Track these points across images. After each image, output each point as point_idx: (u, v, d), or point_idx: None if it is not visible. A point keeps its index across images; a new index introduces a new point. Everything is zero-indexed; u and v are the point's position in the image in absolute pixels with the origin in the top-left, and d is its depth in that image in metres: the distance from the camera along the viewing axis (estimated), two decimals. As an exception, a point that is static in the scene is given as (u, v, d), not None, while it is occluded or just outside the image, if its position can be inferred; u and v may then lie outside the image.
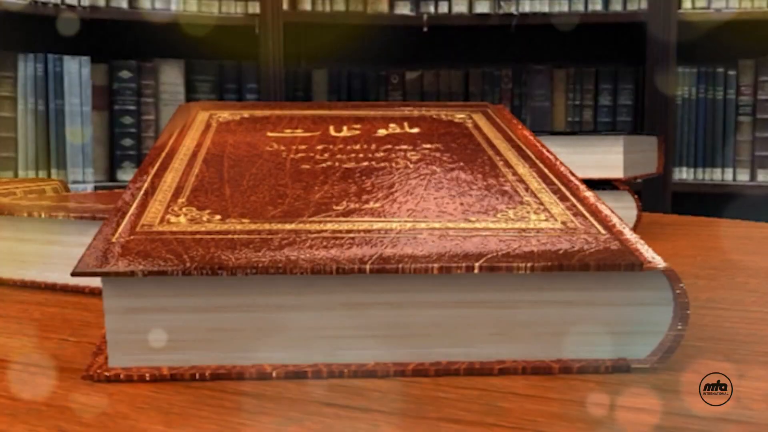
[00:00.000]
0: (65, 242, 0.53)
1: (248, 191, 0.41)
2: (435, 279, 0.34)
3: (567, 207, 0.40)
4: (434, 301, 0.35)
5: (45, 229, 0.54)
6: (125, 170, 2.33)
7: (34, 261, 0.54)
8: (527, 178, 0.44)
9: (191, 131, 0.51)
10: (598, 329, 0.36)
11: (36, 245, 0.54)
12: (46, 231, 0.54)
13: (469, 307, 0.35)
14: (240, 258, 0.33)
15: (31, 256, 0.55)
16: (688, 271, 0.62)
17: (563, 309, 0.35)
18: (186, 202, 0.40)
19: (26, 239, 0.54)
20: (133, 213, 0.38)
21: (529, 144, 0.50)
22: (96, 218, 0.51)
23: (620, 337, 0.36)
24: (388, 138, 0.51)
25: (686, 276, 0.59)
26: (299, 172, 0.44)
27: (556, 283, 0.35)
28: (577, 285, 0.35)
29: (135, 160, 2.35)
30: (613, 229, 0.37)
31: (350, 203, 0.40)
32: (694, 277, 0.59)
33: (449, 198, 0.41)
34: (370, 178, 0.43)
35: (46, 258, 0.54)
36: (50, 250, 0.54)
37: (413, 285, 0.34)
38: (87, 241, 0.51)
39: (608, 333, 0.36)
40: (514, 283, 0.35)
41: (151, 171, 0.44)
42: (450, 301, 0.35)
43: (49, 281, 0.54)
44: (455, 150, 0.49)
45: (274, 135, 0.51)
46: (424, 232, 0.36)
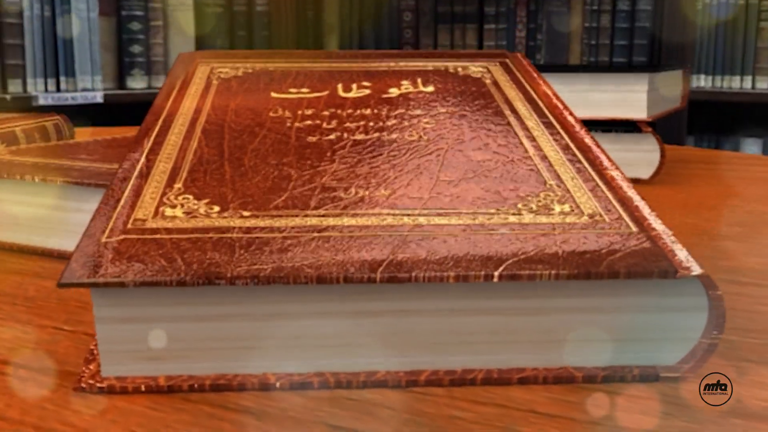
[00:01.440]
0: (62, 207, 0.51)
1: (250, 172, 0.38)
2: (451, 285, 0.32)
3: (593, 192, 0.37)
4: (449, 309, 0.32)
5: (41, 193, 0.51)
6: (134, 78, 2.29)
7: (30, 225, 0.52)
8: (550, 154, 0.41)
9: (191, 90, 0.48)
10: (625, 335, 0.33)
11: (32, 209, 0.52)
12: (42, 195, 0.51)
13: (488, 314, 0.32)
14: (239, 265, 0.31)
15: (26, 220, 0.52)
16: (713, 229, 0.59)
17: (588, 315, 0.33)
18: (182, 188, 0.37)
19: (21, 202, 0.52)
20: (126, 203, 0.35)
21: (551, 106, 0.47)
22: (93, 185, 0.48)
23: (648, 344, 0.33)
24: (400, 100, 0.48)
25: (711, 237, 0.57)
26: (305, 147, 0.41)
27: (582, 288, 0.32)
28: (604, 291, 0.32)
29: (144, 68, 2.31)
30: (643, 223, 0.35)
31: (359, 189, 0.37)
32: (720, 237, 0.56)
33: (465, 183, 0.38)
34: (381, 155, 0.40)
35: (43, 223, 0.51)
36: (47, 214, 0.51)
37: (427, 292, 0.32)
38: (84, 208, 0.49)
39: (635, 339, 0.33)
40: (537, 289, 0.32)
41: (147, 144, 0.41)
42: (467, 308, 0.32)
43: (46, 247, 0.51)
44: (472, 116, 0.45)
45: (278, 96, 0.48)
46: (438, 230, 0.34)
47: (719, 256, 0.52)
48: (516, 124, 0.44)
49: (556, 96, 0.49)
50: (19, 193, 0.52)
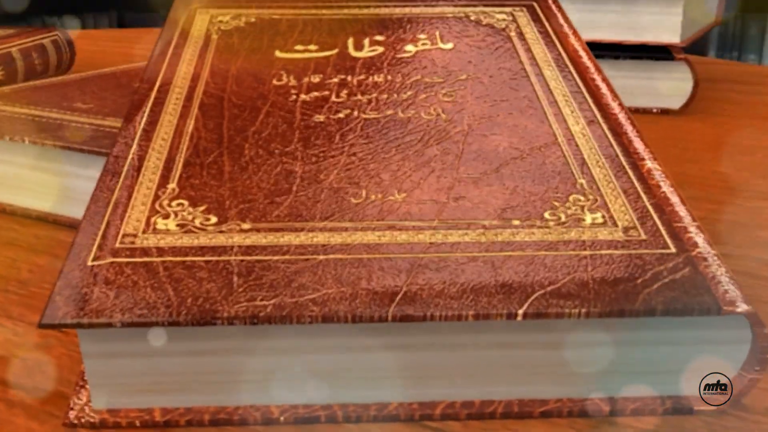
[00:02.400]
0: (57, 171, 0.48)
1: (251, 165, 0.35)
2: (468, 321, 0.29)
3: (627, 194, 0.34)
4: (467, 343, 0.29)
5: (33, 154, 0.48)
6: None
7: (25, 187, 0.49)
8: (579, 138, 0.37)
9: (187, 49, 0.44)
10: (657, 367, 0.30)
11: (24, 170, 0.49)
12: (35, 156, 0.48)
13: (508, 347, 0.30)
14: (238, 300, 0.28)
15: (18, 181, 0.49)
16: (749, 182, 0.55)
17: (617, 348, 0.30)
18: (177, 188, 0.33)
19: (11, 162, 0.49)
20: (116, 209, 0.32)
21: (581, 69, 0.43)
22: (87, 151, 0.45)
23: (682, 375, 0.30)
24: (416, 62, 0.43)
25: (747, 193, 0.53)
26: (311, 130, 0.37)
27: (613, 323, 0.29)
28: (637, 324, 0.29)
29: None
30: (683, 238, 0.31)
31: (369, 192, 0.33)
32: (759, 195, 0.53)
33: (487, 181, 0.34)
34: (395, 142, 0.37)
35: (36, 185, 0.48)
36: (41, 177, 0.48)
37: (443, 326, 0.29)
38: (80, 173, 0.46)
39: (669, 371, 0.30)
40: (564, 323, 0.29)
41: (139, 124, 0.38)
42: (486, 342, 0.29)
43: (42, 210, 0.49)
44: (494, 86, 0.41)
45: (283, 56, 0.44)
46: (456, 250, 0.30)
47: (756, 222, 0.48)
48: (542, 96, 0.40)
49: (586, 52, 0.44)
50: (10, 153, 0.48)
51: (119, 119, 0.50)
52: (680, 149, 0.64)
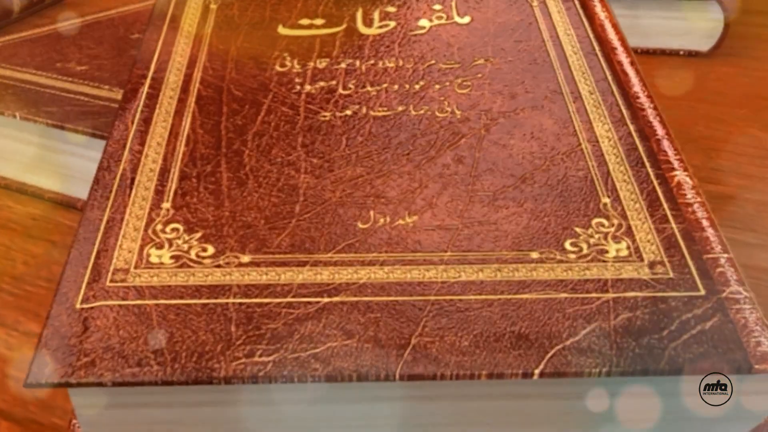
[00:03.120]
0: (49, 147, 0.45)
1: (251, 178, 0.33)
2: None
3: (654, 217, 0.31)
4: (477, 394, 0.28)
5: (24, 128, 0.45)
6: None
7: (16, 159, 0.47)
8: (604, 142, 0.34)
9: (184, 23, 0.41)
10: (680, 414, 0.29)
11: (17, 143, 0.46)
12: (25, 129, 0.45)
13: (522, 399, 0.28)
14: (236, 355, 0.26)
15: (11, 153, 0.47)
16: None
17: (638, 399, 0.28)
18: (171, 208, 0.31)
19: (6, 135, 0.47)
20: (106, 235, 0.30)
21: (609, 52, 0.39)
22: (82, 132, 0.43)
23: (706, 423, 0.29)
24: (430, 41, 0.40)
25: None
26: (315, 131, 0.35)
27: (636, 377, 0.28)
28: (660, 378, 0.28)
29: None
30: (713, 274, 0.29)
31: (377, 214, 0.31)
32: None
33: (503, 201, 0.32)
34: (404, 150, 0.34)
35: (30, 159, 0.46)
36: (33, 151, 0.46)
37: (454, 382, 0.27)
38: (76, 152, 0.43)
39: (691, 418, 0.29)
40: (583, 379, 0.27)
41: (133, 121, 0.35)
42: (499, 394, 0.28)
43: (37, 186, 0.47)
44: (514, 74, 0.38)
45: (287, 33, 0.41)
46: (469, 291, 0.28)
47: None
48: (565, 87, 0.37)
49: (614, 26, 0.41)
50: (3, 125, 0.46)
51: (116, 90, 0.47)
52: (707, 105, 0.61)
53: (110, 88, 0.47)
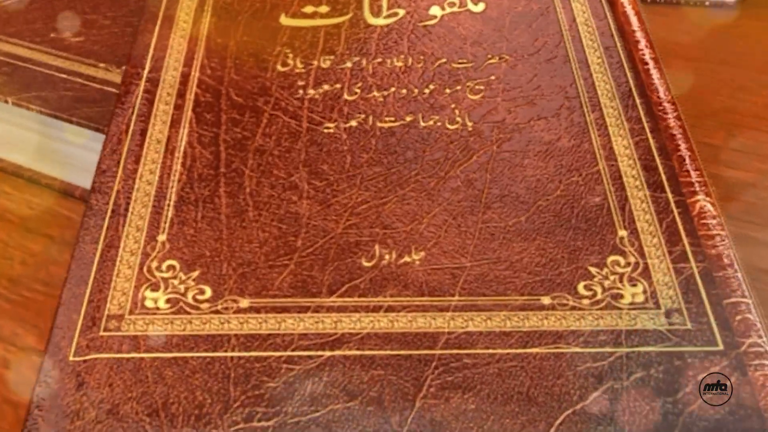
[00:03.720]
0: (45, 133, 0.44)
1: (250, 206, 0.31)
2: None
3: (672, 253, 0.30)
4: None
5: (19, 113, 0.44)
6: None
7: (12, 144, 0.45)
8: (623, 164, 0.33)
9: (181, 12, 0.39)
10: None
11: (14, 128, 0.45)
12: (22, 115, 0.44)
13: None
14: (234, 419, 0.25)
15: (8, 138, 0.45)
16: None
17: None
18: (168, 243, 0.30)
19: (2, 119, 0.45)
20: (99, 274, 0.29)
21: (633, 53, 0.37)
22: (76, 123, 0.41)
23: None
24: (441, 35, 0.38)
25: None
26: (318, 146, 0.33)
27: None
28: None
29: None
30: (732, 324, 0.28)
31: (383, 249, 0.30)
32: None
33: (514, 234, 0.30)
34: (412, 172, 0.32)
35: (27, 144, 0.45)
36: (29, 136, 0.44)
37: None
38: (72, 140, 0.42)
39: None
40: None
41: (127, 135, 0.33)
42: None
43: (35, 171, 0.45)
44: (530, 74, 0.36)
45: (289, 23, 0.39)
46: (477, 344, 0.27)
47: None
48: (584, 93, 0.35)
49: (640, 22, 0.38)
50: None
51: (112, 68, 0.45)
52: (731, 68, 0.58)
53: (107, 66, 0.45)
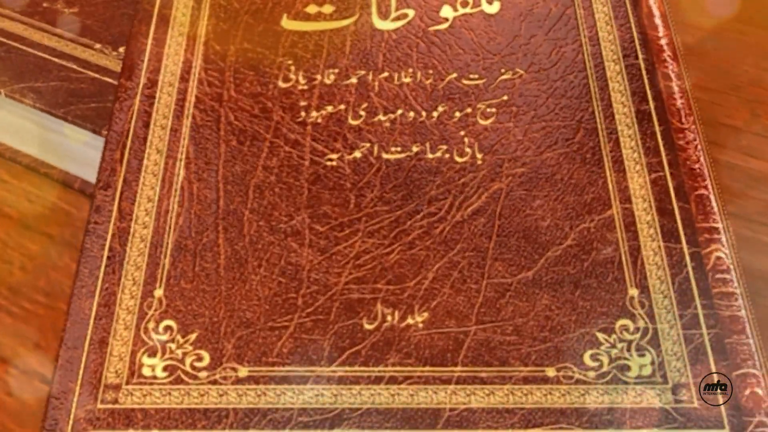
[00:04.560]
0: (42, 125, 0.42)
1: (250, 255, 0.30)
2: None
3: (683, 320, 0.29)
4: None
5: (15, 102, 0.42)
6: None
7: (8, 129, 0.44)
8: (638, 207, 0.31)
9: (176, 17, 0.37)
10: None
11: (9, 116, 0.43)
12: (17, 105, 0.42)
13: None
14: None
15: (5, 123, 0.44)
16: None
17: None
18: (164, 298, 0.29)
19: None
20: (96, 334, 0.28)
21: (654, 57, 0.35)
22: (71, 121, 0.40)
23: None
24: (452, 42, 0.36)
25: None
26: (321, 184, 0.32)
27: None
28: None
29: None
30: (742, 401, 0.27)
31: (385, 308, 0.29)
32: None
33: (520, 292, 0.29)
34: (417, 216, 0.31)
35: (25, 131, 0.43)
36: (24, 125, 0.43)
37: None
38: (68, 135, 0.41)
39: None
40: None
41: (121, 166, 0.32)
42: None
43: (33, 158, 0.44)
44: (546, 93, 0.34)
45: (292, 27, 0.37)
46: (478, 423, 0.27)
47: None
48: (601, 119, 0.34)
49: (665, 26, 0.36)
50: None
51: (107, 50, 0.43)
52: (759, 31, 0.55)
53: (102, 47, 0.43)
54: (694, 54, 0.52)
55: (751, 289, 0.39)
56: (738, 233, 0.41)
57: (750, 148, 0.46)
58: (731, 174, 0.45)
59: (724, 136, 0.47)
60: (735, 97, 0.50)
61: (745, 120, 0.48)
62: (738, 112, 0.49)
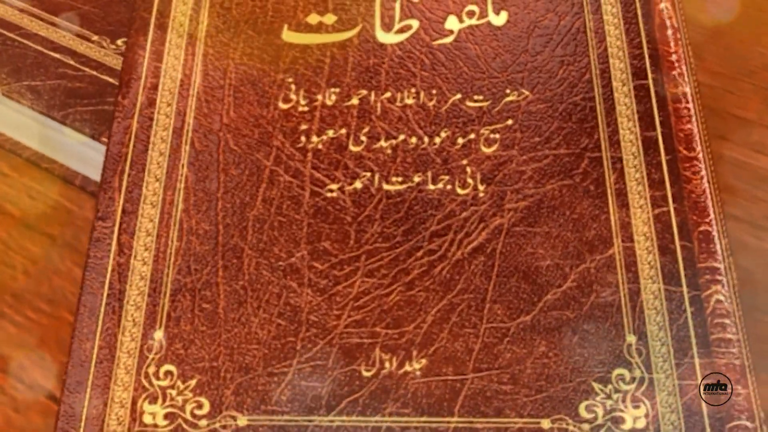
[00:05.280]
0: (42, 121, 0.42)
1: (249, 296, 0.30)
2: None
3: (680, 369, 0.29)
4: None
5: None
6: None
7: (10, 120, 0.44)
8: (640, 246, 0.31)
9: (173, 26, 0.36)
10: None
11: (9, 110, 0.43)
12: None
13: None
14: None
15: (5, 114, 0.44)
16: None
17: None
18: (165, 341, 0.30)
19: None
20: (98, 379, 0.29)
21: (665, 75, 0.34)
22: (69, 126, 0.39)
23: None
24: (457, 58, 0.35)
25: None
26: (321, 219, 0.32)
27: None
28: None
29: None
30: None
31: (383, 354, 0.29)
32: None
33: (517, 339, 0.30)
34: (417, 251, 0.31)
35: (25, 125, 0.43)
36: (23, 122, 0.43)
37: None
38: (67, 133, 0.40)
39: None
40: None
41: (120, 194, 0.32)
42: None
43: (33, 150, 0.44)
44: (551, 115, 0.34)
45: (292, 40, 0.36)
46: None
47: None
48: (607, 147, 0.33)
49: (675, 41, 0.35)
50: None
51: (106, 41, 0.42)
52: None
53: (100, 39, 0.42)
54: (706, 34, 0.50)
55: (752, 302, 0.39)
56: (740, 240, 0.41)
57: (760, 144, 0.46)
58: (738, 172, 0.44)
59: (733, 129, 0.46)
60: (748, 84, 0.49)
61: (758, 111, 0.47)
62: (750, 101, 0.48)
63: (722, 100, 0.48)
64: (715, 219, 0.32)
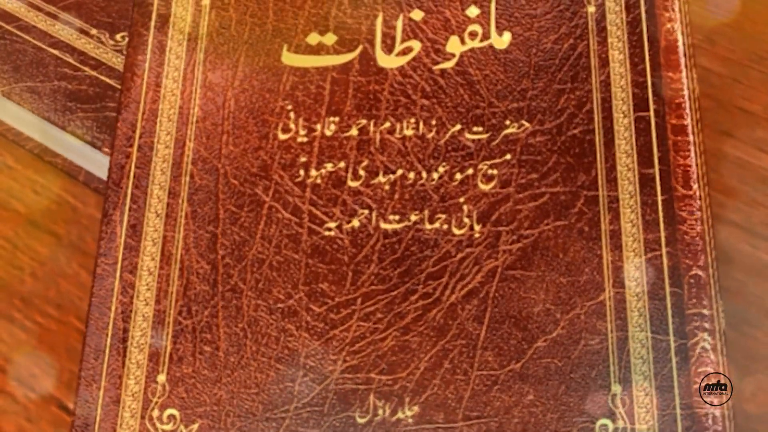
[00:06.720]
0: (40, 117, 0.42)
1: (248, 339, 0.31)
2: None
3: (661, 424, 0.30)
4: None
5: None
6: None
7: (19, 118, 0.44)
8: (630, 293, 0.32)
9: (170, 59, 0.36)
10: None
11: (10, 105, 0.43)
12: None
13: None
14: None
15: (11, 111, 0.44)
16: None
17: None
18: (168, 385, 0.31)
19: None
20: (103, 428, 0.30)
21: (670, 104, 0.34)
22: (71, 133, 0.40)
23: None
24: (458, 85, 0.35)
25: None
26: (319, 259, 0.32)
27: None
28: None
29: None
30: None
31: (377, 400, 0.31)
32: None
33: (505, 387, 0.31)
34: (412, 294, 0.32)
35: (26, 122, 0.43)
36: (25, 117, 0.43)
37: None
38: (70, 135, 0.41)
39: None
40: None
41: (121, 230, 0.33)
42: None
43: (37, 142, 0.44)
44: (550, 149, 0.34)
45: (292, 63, 0.36)
46: None
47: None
48: (603, 185, 0.33)
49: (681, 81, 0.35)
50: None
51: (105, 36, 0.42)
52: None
53: (99, 34, 0.42)
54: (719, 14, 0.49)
55: (742, 316, 0.40)
56: (735, 248, 0.41)
57: (764, 142, 0.45)
58: (739, 173, 0.44)
59: (737, 124, 0.46)
60: (757, 72, 0.48)
61: (764, 104, 0.47)
62: (758, 93, 0.47)
63: (729, 90, 0.47)
64: (707, 261, 0.32)
